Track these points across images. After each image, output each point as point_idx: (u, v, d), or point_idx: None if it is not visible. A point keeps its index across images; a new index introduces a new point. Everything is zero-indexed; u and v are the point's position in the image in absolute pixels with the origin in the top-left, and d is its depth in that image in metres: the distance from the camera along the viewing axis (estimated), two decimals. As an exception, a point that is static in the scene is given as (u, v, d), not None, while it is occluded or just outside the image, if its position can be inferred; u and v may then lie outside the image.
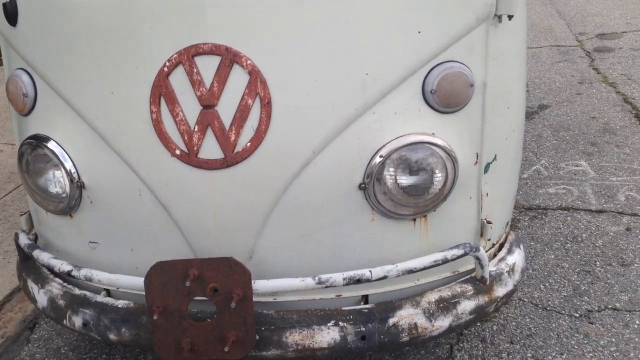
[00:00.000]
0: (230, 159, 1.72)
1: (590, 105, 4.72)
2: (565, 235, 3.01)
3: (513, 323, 2.44)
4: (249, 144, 1.71)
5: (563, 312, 2.48)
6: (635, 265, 2.73)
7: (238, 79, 1.67)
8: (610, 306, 2.49)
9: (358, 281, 1.75)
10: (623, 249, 2.86)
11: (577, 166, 3.74)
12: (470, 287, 1.89)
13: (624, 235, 2.97)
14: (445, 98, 1.74)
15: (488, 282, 1.91)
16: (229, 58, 1.66)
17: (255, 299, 1.80)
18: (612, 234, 2.99)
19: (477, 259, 1.86)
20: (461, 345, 2.35)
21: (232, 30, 1.66)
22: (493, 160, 1.91)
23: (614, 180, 3.52)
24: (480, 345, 2.34)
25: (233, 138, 1.71)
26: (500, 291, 1.93)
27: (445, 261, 1.81)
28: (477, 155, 1.85)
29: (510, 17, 1.77)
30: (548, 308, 2.51)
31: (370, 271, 1.76)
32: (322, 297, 1.87)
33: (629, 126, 4.27)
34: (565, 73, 5.55)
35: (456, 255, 1.81)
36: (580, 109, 4.66)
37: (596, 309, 2.48)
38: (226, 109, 1.69)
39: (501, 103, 1.88)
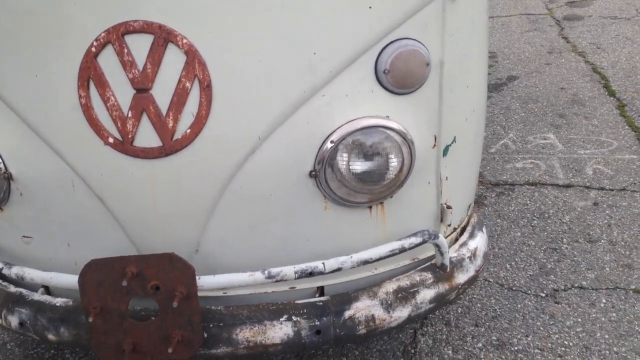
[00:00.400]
0: (169, 147, 1.59)
1: (559, 76, 4.65)
2: (532, 212, 2.95)
3: (478, 305, 2.38)
4: (188, 131, 1.58)
5: (529, 292, 2.42)
6: (602, 241, 2.68)
7: (174, 60, 1.54)
8: (576, 285, 2.44)
9: (310, 274, 1.65)
10: (590, 224, 2.81)
11: (545, 139, 3.67)
12: (430, 275, 1.80)
13: (591, 210, 2.92)
14: (399, 78, 1.62)
15: (448, 269, 1.82)
16: (163, 37, 1.52)
17: (203, 294, 1.70)
18: (579, 209, 2.93)
19: (437, 246, 1.77)
20: (425, 329, 2.28)
21: (165, 6, 1.51)
22: (452, 143, 1.81)
23: (582, 153, 3.46)
24: (445, 329, 2.27)
25: (171, 124, 1.57)
26: (461, 278, 1.85)
27: (402, 250, 1.71)
28: (435, 138, 1.74)
29: (466, -11, 1.65)
30: (514, 288, 2.45)
31: (324, 263, 1.66)
32: (275, 290, 1.77)
33: (597, 97, 4.20)
34: (534, 42, 5.47)
35: (414, 244, 1.72)
36: (549, 80, 4.59)
37: (562, 288, 2.42)
38: (162, 93, 1.56)
39: (460, 82, 1.77)
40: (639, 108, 3.95)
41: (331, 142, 1.61)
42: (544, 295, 2.39)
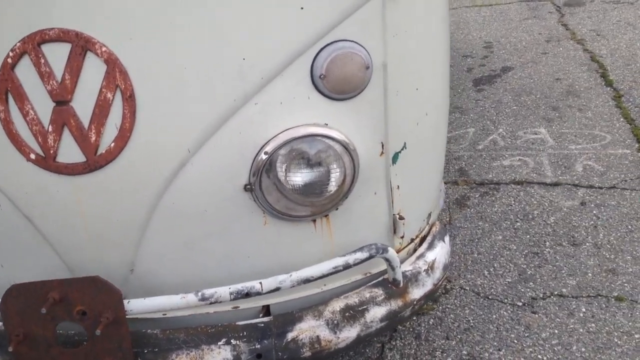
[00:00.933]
0: (93, 162, 1.49)
1: (556, 66, 4.48)
2: (516, 213, 2.81)
3: (451, 315, 2.26)
4: (113, 145, 1.48)
5: (505, 300, 2.29)
6: (587, 244, 2.54)
7: (93, 70, 1.44)
8: (556, 292, 2.31)
9: (247, 295, 1.55)
10: (575, 226, 2.67)
11: (536, 134, 3.52)
12: (381, 291, 1.69)
13: (577, 210, 2.77)
14: (336, 83, 1.51)
15: (402, 284, 1.71)
16: (80, 45, 1.42)
17: (141, 316, 1.61)
18: (565, 209, 2.79)
19: (387, 260, 1.66)
20: (393, 343, 2.17)
21: (82, 12, 1.41)
22: (402, 149, 1.69)
23: (573, 148, 3.31)
24: (414, 343, 2.16)
25: (94, 138, 1.48)
26: (416, 293, 1.73)
27: (347, 267, 1.60)
28: (383, 145, 1.63)
29: (406, -14, 1.53)
30: (490, 297, 2.32)
31: (261, 283, 1.55)
32: (217, 310, 1.67)
33: (593, 87, 4.03)
34: (532, 31, 5.29)
35: (359, 260, 1.61)
36: (545, 70, 4.42)
37: (541, 296, 2.30)
38: (83, 105, 1.46)
39: (408, 85, 1.65)
40: (635, 99, 3.78)
41: (265, 153, 1.50)
42: (520, 304, 2.27)
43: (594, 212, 2.74)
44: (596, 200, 2.82)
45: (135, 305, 1.54)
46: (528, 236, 2.64)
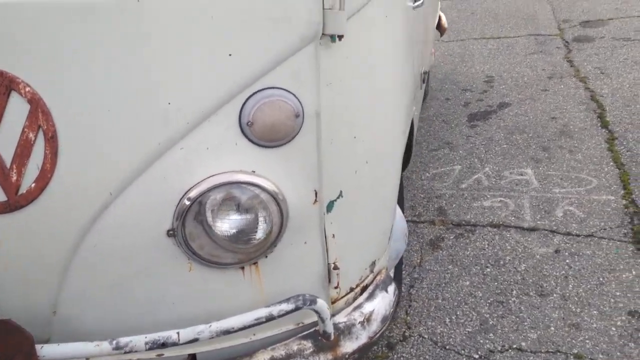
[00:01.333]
0: (14, 202, 1.47)
1: (554, 104, 4.40)
2: (488, 258, 2.74)
3: (405, 365, 2.20)
4: (34, 185, 1.46)
5: (462, 352, 2.22)
6: (554, 295, 2.46)
7: (17, 109, 1.43)
8: (515, 346, 2.22)
9: (163, 345, 1.51)
10: (546, 275, 2.59)
11: (522, 175, 3.45)
12: (310, 344, 1.64)
13: (550, 258, 2.69)
14: (264, 131, 1.48)
15: (333, 337, 1.66)
16: (5, 84, 1.41)
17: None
18: (538, 256, 2.71)
19: (316, 312, 1.61)
20: (342, 390, 2.10)
21: (7, 51, 1.40)
22: (338, 198, 1.65)
23: (557, 192, 3.23)
24: (363, 392, 2.09)
25: (15, 178, 1.46)
26: (348, 346, 1.68)
27: (270, 318, 1.55)
28: (316, 193, 1.59)
29: (339, 37, 1.49)
30: (447, 347, 2.25)
31: (178, 333, 1.51)
32: (140, 357, 1.63)
33: (588, 128, 3.95)
34: (536, 66, 5.22)
35: (284, 311, 1.56)
36: (542, 108, 4.35)
37: (499, 349, 2.22)
38: (6, 144, 1.45)
39: (344, 133, 1.62)
40: (629, 142, 3.69)
41: (188, 199, 1.47)
42: (477, 356, 2.19)
43: (567, 261, 2.65)
44: (571, 249, 2.73)
45: (48, 351, 1.51)
46: (496, 283, 2.56)
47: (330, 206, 1.64)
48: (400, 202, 2.47)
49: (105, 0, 1.38)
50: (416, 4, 2.23)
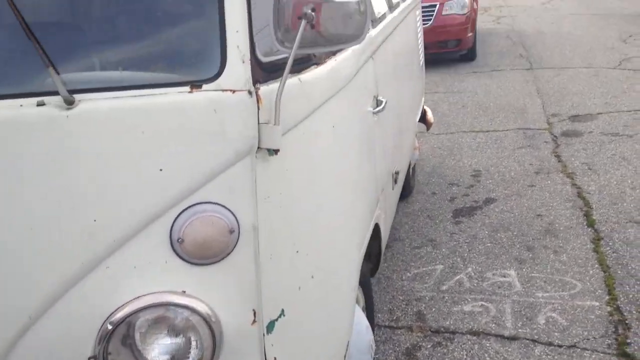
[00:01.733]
0: None
1: (540, 200, 4.33)
2: (465, 370, 2.58)
3: None
4: (-51, 305, 1.37)
5: None
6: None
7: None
8: None
9: None
10: (524, 391, 2.42)
11: (505, 276, 3.33)
12: None
13: (530, 372, 2.53)
14: (195, 248, 1.40)
15: None
16: None
17: None
18: (517, 369, 2.55)
19: None
20: None
21: None
22: (280, 317, 1.55)
23: (540, 296, 3.10)
24: None
25: None
26: None
27: None
28: (255, 313, 1.48)
29: (275, 151, 1.44)
30: None
31: None
32: None
33: (574, 227, 3.86)
34: (524, 161, 5.20)
35: None
36: (527, 204, 4.28)
37: None
38: None
39: (285, 248, 1.54)
40: (615, 243, 3.59)
41: (111, 323, 1.38)
42: None
43: (548, 375, 2.50)
44: (552, 361, 2.58)
45: None
46: (471, 400, 2.39)
47: (271, 326, 1.53)
48: (370, 310, 2.36)
49: (33, 115, 1.35)
50: (377, 108, 2.21)
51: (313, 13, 1.35)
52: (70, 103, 1.33)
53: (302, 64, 1.57)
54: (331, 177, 1.70)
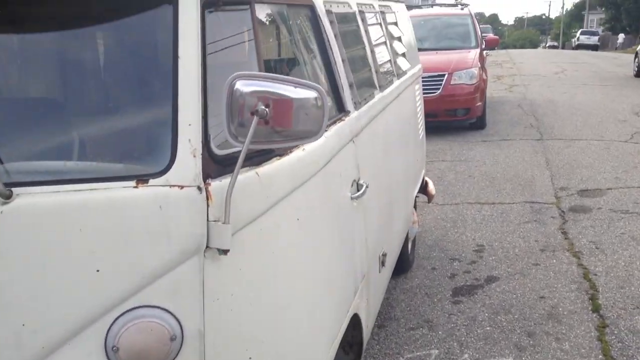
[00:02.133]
0: None
1: (544, 281, 4.16)
2: None
3: None
4: None
5: None
6: None
7: None
8: None
9: None
10: None
11: (502, 365, 3.14)
12: None
13: None
14: (130, 358, 1.28)
15: None
16: None
17: None
18: None
19: None
20: None
21: None
22: None
23: (538, 391, 2.90)
24: None
25: None
26: None
27: None
28: None
29: (224, 252, 1.34)
30: None
31: None
32: None
33: (578, 312, 3.67)
34: (529, 237, 5.04)
35: None
36: (531, 285, 4.11)
37: None
38: None
39: (237, 354, 1.42)
40: (621, 331, 3.39)
41: None
42: None
43: None
44: None
45: None
46: None
47: None
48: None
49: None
50: (357, 194, 2.11)
51: (266, 109, 1.27)
52: (7, 197, 1.25)
53: (262, 155, 1.49)
54: (295, 273, 1.60)
